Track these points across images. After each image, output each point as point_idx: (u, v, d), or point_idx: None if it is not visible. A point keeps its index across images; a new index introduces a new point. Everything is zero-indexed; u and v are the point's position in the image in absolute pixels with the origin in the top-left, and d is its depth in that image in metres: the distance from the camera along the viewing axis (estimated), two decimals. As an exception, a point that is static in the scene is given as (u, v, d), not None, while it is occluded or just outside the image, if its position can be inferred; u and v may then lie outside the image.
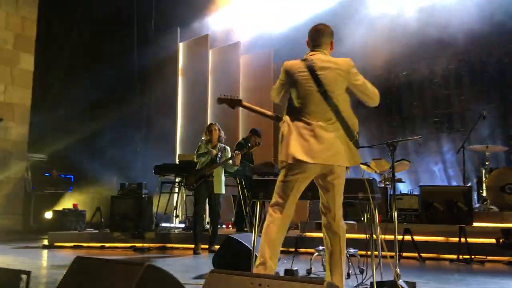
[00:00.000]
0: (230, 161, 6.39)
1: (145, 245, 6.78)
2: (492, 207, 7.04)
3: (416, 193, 7.52)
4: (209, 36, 10.66)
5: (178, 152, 10.26)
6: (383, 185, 7.26)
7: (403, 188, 8.93)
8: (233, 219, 8.05)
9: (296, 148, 2.96)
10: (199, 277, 4.43)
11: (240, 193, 7.33)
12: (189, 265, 5.25)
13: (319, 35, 3.17)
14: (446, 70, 9.24)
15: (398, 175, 8.06)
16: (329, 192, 3.07)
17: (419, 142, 8.85)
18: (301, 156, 2.93)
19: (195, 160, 6.60)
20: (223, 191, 6.50)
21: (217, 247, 5.54)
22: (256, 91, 10.16)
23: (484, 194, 7.17)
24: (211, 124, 6.86)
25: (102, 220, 7.86)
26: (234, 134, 9.48)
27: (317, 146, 2.93)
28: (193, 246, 6.31)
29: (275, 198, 3.10)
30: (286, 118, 3.11)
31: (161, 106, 11.05)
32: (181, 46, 11.05)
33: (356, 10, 9.33)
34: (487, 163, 7.36)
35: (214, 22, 11.12)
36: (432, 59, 9.24)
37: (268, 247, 3.01)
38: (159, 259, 6.00)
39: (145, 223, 7.37)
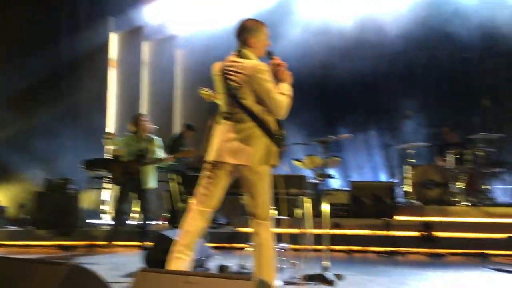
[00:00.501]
0: (162, 156, 6.20)
1: (72, 243, 6.51)
2: (415, 201, 7.45)
3: (346, 188, 7.80)
4: (144, 27, 10.38)
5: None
6: (315, 181, 7.45)
7: (334, 183, 9.23)
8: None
9: (212, 148, 3.07)
10: (129, 275, 4.31)
11: (172, 189, 7.23)
12: (119, 263, 5.10)
13: (240, 31, 3.17)
14: (377, 70, 9.63)
15: (330, 171, 8.32)
16: (248, 191, 3.07)
17: (350, 140, 9.17)
18: (214, 155, 3.03)
19: (115, 148, 6.33)
20: (154, 185, 6.29)
21: (149, 244, 5.42)
22: (193, 86, 10.05)
23: (408, 189, 7.57)
24: (138, 114, 6.62)
25: (26, 216, 7.44)
26: (169, 129, 9.32)
27: (228, 146, 3.00)
28: (122, 243, 6.16)
29: (196, 192, 3.13)
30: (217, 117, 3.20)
31: (92, 98, 10.58)
32: (113, 37, 10.67)
33: (293, 12, 9.51)
34: (411, 160, 7.77)
35: (150, 14, 10.81)
36: (364, 60, 9.58)
37: (185, 239, 3.02)
38: (87, 257, 5.77)
39: (72, 220, 7.07)
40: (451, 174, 7.33)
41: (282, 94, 3.03)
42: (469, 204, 7.20)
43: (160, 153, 6.20)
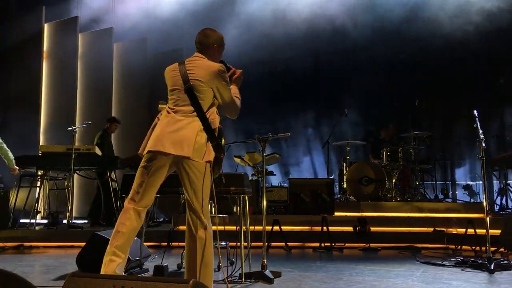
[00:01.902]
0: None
1: (1, 244, 6.15)
2: (351, 197, 7.71)
3: (285, 185, 7.92)
4: (79, 18, 9.97)
5: (41, 142, 9.48)
6: (255, 178, 7.52)
7: (274, 180, 9.35)
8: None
9: (152, 138, 3.02)
10: (61, 278, 4.14)
11: (108, 187, 7.06)
12: (50, 266, 4.88)
13: (199, 40, 3.21)
14: (316, 69, 9.84)
15: (269, 168, 8.42)
16: (187, 186, 3.00)
17: (289, 137, 9.33)
18: (153, 145, 2.97)
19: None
20: None
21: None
22: (130, 80, 9.81)
23: (345, 185, 7.81)
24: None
25: None
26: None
27: (171, 136, 2.94)
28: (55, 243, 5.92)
29: (132, 189, 3.05)
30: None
31: (23, 91, 10.07)
32: (46, 27, 10.18)
33: (236, 4, 9.51)
34: (347, 157, 8.02)
35: (85, 5, 10.42)
36: (302, 59, 9.76)
37: (119, 240, 2.93)
38: (15, 259, 5.47)
39: (1, 220, 6.68)
40: (385, 171, 7.64)
41: (236, 97, 3.18)
42: (401, 199, 7.56)
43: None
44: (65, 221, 7.01)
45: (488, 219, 4.66)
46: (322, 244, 6.12)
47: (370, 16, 9.35)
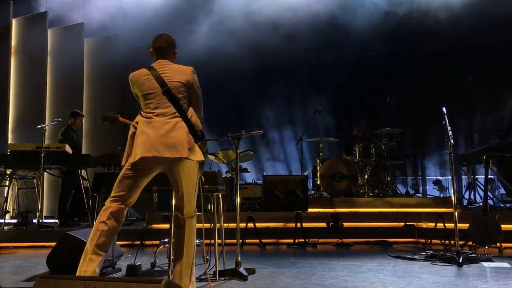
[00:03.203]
0: None
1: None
2: (324, 193, 7.79)
3: (260, 182, 7.94)
4: (48, 13, 9.74)
5: (9, 141, 9.23)
6: (230, 175, 7.52)
7: (249, 177, 9.36)
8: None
9: (142, 145, 3.03)
10: (32, 279, 4.06)
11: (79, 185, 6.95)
12: (19, 266, 4.77)
13: (162, 46, 3.28)
14: (289, 66, 9.89)
15: (244, 165, 8.43)
16: (177, 183, 3.15)
17: (264, 134, 9.36)
18: (145, 151, 3.00)
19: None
20: None
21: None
22: (102, 76, 9.64)
23: (318, 182, 7.88)
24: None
25: None
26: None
27: (163, 141, 3.01)
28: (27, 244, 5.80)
29: (115, 190, 3.09)
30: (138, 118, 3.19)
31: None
32: (14, 23, 9.91)
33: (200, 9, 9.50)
34: (321, 153, 8.09)
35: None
36: (275, 55, 9.80)
37: (99, 239, 2.98)
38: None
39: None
40: (358, 167, 7.75)
41: None
42: (373, 195, 7.68)
43: None
44: (35, 221, 6.86)
45: (456, 213, 4.79)
46: (296, 240, 6.17)
47: (342, 13, 9.43)
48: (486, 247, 5.17)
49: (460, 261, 4.47)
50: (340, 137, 8.90)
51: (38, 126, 6.70)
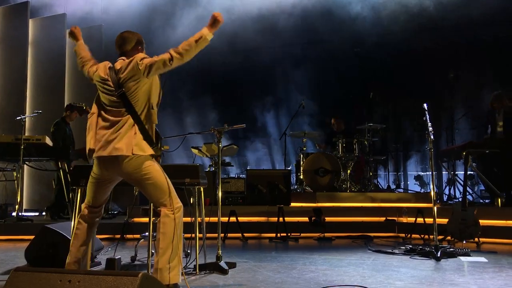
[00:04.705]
0: None
1: None
2: (307, 188, 7.82)
3: (243, 176, 7.94)
4: (30, 3, 9.57)
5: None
6: (213, 169, 7.50)
7: (232, 171, 9.35)
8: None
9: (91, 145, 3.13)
10: (9, 272, 4.00)
11: (59, 179, 6.85)
12: (-3, 260, 4.71)
13: (123, 43, 3.26)
14: (272, 60, 9.89)
15: (227, 159, 8.42)
16: (139, 188, 3.23)
17: (247, 128, 9.35)
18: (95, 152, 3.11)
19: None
20: None
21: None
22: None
23: (301, 176, 7.91)
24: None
25: None
26: (58, 111, 8.73)
27: (101, 138, 3.08)
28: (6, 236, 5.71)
29: (86, 195, 3.29)
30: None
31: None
32: (-5, 11, 9.72)
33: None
34: (304, 148, 8.12)
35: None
36: (258, 50, 9.77)
37: (77, 243, 3.15)
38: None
39: None
40: (341, 162, 7.79)
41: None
42: (355, 190, 7.74)
43: None
44: (14, 214, 6.76)
45: (435, 208, 4.85)
46: (278, 235, 6.19)
47: (327, 9, 9.44)
48: (464, 242, 5.25)
49: (438, 255, 4.54)
50: (322, 132, 8.95)
51: (18, 118, 6.59)
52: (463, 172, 6.33)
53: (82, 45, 3.53)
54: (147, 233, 4.51)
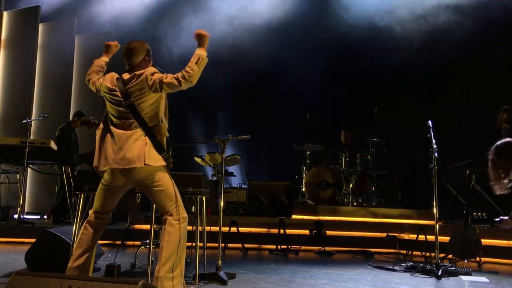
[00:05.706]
0: None
1: None
2: (309, 201, 7.80)
3: (245, 186, 7.94)
4: (40, 8, 9.68)
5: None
6: (215, 178, 7.50)
7: (235, 181, 9.33)
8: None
9: (100, 156, 3.15)
10: (9, 275, 3.99)
11: (62, 183, 6.87)
12: (-2, 262, 4.71)
13: (131, 55, 3.22)
14: (279, 71, 9.91)
15: (230, 169, 8.41)
16: (148, 194, 3.24)
17: (251, 139, 9.34)
18: (104, 164, 3.11)
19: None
20: None
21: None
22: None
23: (303, 189, 7.90)
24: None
25: None
26: (65, 115, 8.80)
27: (112, 152, 3.08)
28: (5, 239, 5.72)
29: (94, 202, 3.29)
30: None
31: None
32: (5, 15, 9.82)
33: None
34: (307, 161, 8.11)
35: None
36: (258, 63, 9.78)
37: (80, 248, 3.16)
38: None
39: None
40: (343, 176, 7.78)
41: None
42: (357, 204, 7.72)
43: None
44: (16, 216, 6.77)
45: (437, 226, 4.83)
46: (279, 246, 6.17)
47: (334, 20, 9.46)
48: (466, 261, 5.22)
49: (439, 273, 4.51)
50: (329, 145, 8.91)
51: (24, 121, 6.64)
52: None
53: (104, 61, 3.53)
54: (147, 240, 4.51)
